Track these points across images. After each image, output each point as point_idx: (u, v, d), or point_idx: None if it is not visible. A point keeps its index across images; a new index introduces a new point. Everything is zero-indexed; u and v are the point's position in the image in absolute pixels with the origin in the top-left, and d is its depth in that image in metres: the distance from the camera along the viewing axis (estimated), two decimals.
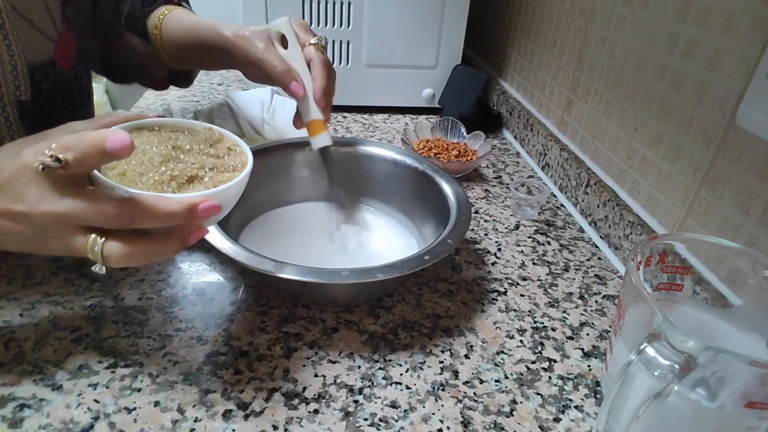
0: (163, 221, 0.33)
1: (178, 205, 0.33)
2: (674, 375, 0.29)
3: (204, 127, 0.42)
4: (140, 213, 0.32)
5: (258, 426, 0.38)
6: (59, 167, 0.32)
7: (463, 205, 0.53)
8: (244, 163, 0.40)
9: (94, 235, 0.33)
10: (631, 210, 0.59)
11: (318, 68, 0.52)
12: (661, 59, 0.55)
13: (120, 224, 0.33)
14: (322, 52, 0.52)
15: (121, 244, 0.33)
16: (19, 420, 0.36)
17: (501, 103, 1.00)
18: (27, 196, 0.33)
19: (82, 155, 0.31)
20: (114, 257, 0.33)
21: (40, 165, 0.32)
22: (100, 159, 0.32)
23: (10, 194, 0.33)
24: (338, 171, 0.59)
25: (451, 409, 0.40)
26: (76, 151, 0.31)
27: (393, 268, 0.43)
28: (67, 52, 0.52)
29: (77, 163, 0.32)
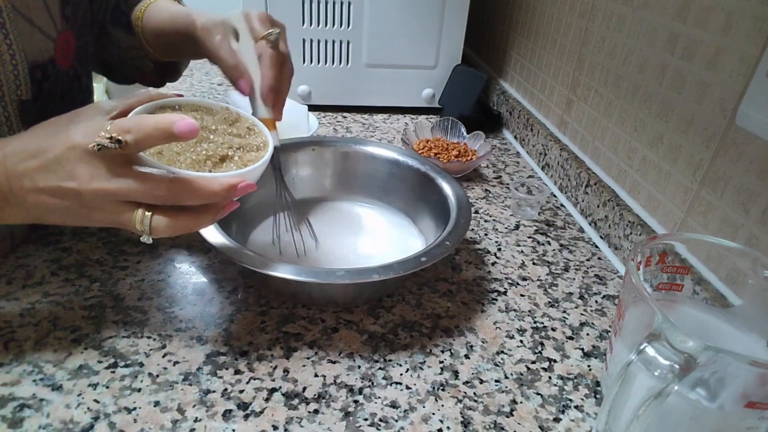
0: (206, 199, 0.37)
1: (220, 186, 0.37)
2: (674, 375, 0.29)
3: (221, 106, 0.44)
4: (188, 193, 0.36)
5: (258, 426, 0.38)
6: (117, 148, 0.34)
7: (464, 205, 0.53)
8: (265, 143, 0.43)
9: (141, 210, 0.36)
10: (631, 210, 0.59)
11: (266, 64, 0.50)
12: (661, 59, 0.55)
13: (168, 202, 0.36)
14: (272, 47, 0.50)
15: (166, 218, 0.37)
16: (19, 420, 0.36)
17: (501, 103, 1.00)
18: (78, 174, 0.35)
19: (144, 137, 0.34)
20: (160, 229, 0.37)
21: (96, 145, 0.34)
22: (162, 141, 0.35)
23: (59, 172, 0.35)
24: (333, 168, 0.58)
25: (451, 409, 0.40)
26: (137, 133, 0.34)
27: (389, 270, 0.43)
28: (67, 50, 0.52)
29: (136, 144, 0.34)
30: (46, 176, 0.36)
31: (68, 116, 0.38)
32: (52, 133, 0.36)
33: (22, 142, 0.37)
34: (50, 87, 0.50)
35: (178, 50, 0.62)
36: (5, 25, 0.44)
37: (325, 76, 0.95)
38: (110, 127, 0.34)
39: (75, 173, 0.35)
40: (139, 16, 0.61)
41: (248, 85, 0.50)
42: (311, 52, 0.93)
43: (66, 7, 0.51)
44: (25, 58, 0.46)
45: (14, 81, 0.46)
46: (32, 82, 0.48)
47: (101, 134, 0.34)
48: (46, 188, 0.36)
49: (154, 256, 0.54)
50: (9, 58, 0.45)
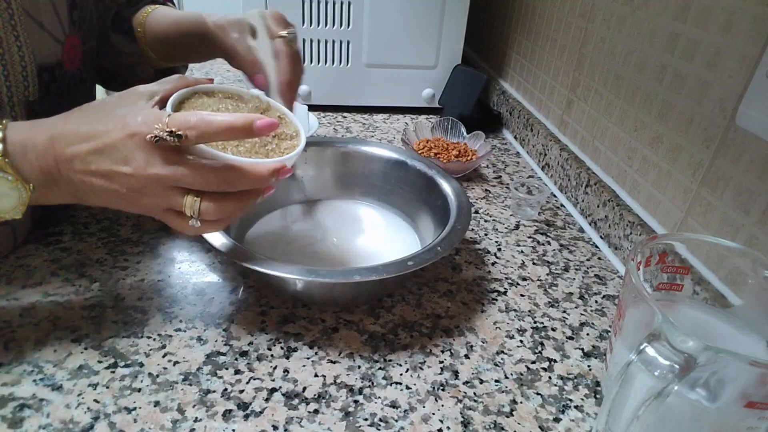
0: (253, 184, 0.39)
1: (266, 170, 0.39)
2: (674, 375, 0.29)
3: (251, 94, 0.45)
4: (238, 178, 0.38)
5: (258, 426, 0.38)
6: (175, 142, 0.35)
7: (463, 207, 0.53)
8: (297, 132, 0.45)
9: (191, 195, 0.38)
10: (631, 210, 0.59)
11: (284, 62, 0.52)
12: (661, 59, 0.55)
13: (220, 188, 0.38)
14: (289, 46, 0.53)
15: (214, 202, 0.38)
16: (19, 420, 0.36)
17: (501, 103, 1.00)
18: (134, 160, 0.36)
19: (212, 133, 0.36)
20: (210, 212, 0.38)
21: (155, 137, 0.35)
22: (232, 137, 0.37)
23: (114, 156, 0.36)
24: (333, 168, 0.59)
25: (451, 409, 0.40)
26: (204, 129, 0.35)
27: (372, 272, 0.43)
28: (74, 54, 0.53)
29: (198, 138, 0.36)
30: (99, 159, 0.37)
31: (113, 101, 0.39)
32: (102, 119, 0.37)
33: (70, 125, 0.38)
34: (57, 89, 0.51)
35: (184, 53, 0.63)
36: (16, 27, 0.45)
37: (325, 76, 0.95)
38: (169, 121, 0.35)
39: (131, 159, 0.36)
40: (141, 22, 0.61)
41: (264, 80, 0.52)
42: (311, 52, 0.93)
43: (74, 11, 0.52)
44: (34, 60, 0.47)
45: (23, 82, 0.46)
46: (39, 84, 0.48)
47: (158, 126, 0.35)
48: (98, 171, 0.37)
49: (154, 256, 0.54)
50: (19, 59, 0.46)
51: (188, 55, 0.64)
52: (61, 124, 0.38)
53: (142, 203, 0.38)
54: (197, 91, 0.43)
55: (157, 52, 0.62)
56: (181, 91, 0.41)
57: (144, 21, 0.61)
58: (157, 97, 0.39)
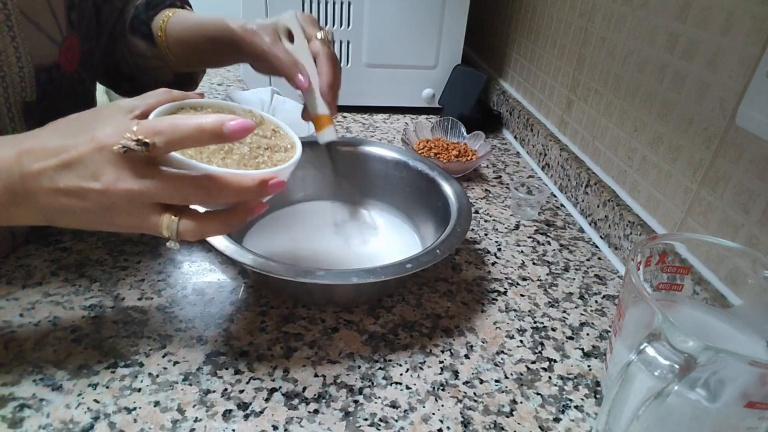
0: (237, 197, 0.35)
1: (252, 181, 0.35)
2: (674, 375, 0.29)
3: (243, 109, 0.43)
4: (218, 190, 0.34)
5: (258, 426, 0.38)
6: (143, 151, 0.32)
7: (464, 210, 0.52)
8: (292, 144, 0.42)
9: (168, 214, 0.35)
10: (631, 210, 0.59)
11: (324, 62, 0.52)
12: (661, 59, 0.55)
13: (198, 201, 0.35)
14: (328, 46, 0.53)
15: (194, 221, 0.35)
16: (19, 420, 0.36)
17: (501, 103, 1.00)
18: (104, 175, 0.33)
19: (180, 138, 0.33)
20: (189, 233, 0.35)
21: (122, 147, 0.32)
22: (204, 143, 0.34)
23: (81, 172, 0.34)
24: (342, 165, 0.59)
25: (451, 409, 0.40)
26: (171, 135, 0.32)
27: (370, 274, 0.43)
28: (72, 55, 0.53)
29: (167, 146, 0.33)
30: (67, 176, 0.34)
31: (88, 115, 0.37)
32: (73, 132, 0.35)
33: (40, 140, 0.35)
34: (54, 90, 0.51)
35: (206, 57, 0.62)
36: (13, 28, 0.45)
37: None
38: (137, 128, 0.33)
39: (99, 174, 0.33)
40: (161, 26, 0.61)
41: (307, 81, 0.51)
42: None
43: (72, 12, 0.52)
44: (30, 61, 0.47)
45: (20, 83, 0.46)
46: (37, 85, 0.48)
47: (127, 135, 0.33)
48: (65, 189, 0.34)
49: (154, 256, 0.54)
50: (15, 60, 0.46)
51: (210, 59, 0.63)
52: (31, 139, 0.35)
53: (117, 223, 0.36)
54: (184, 106, 0.40)
55: (178, 56, 0.62)
56: (166, 106, 0.38)
57: (165, 25, 0.60)
58: (138, 111, 0.36)
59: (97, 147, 0.33)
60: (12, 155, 0.35)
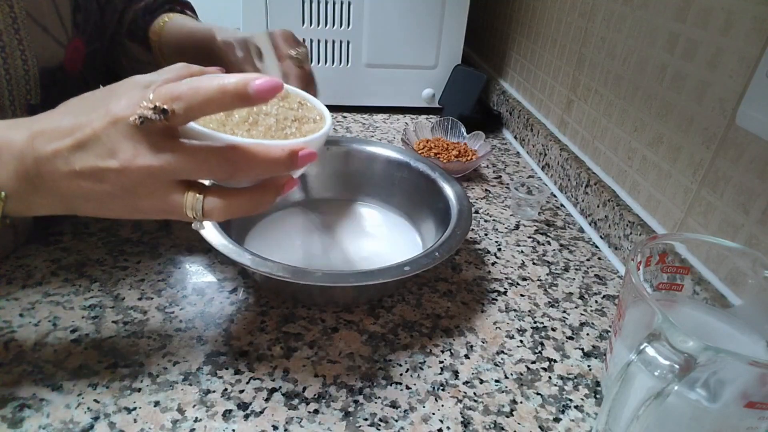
0: (266, 169, 0.33)
1: (282, 152, 0.32)
2: (674, 375, 0.29)
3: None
4: (245, 161, 0.32)
5: (258, 426, 0.38)
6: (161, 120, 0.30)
7: (464, 212, 0.52)
8: (321, 115, 0.39)
9: (192, 192, 0.32)
10: (631, 210, 0.59)
11: (294, 83, 0.50)
12: (661, 59, 0.55)
13: (223, 174, 0.32)
14: (300, 66, 0.51)
15: (221, 198, 0.33)
16: (19, 420, 0.36)
17: (501, 103, 1.00)
18: (121, 152, 0.31)
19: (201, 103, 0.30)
20: (215, 211, 0.33)
21: (138, 118, 0.30)
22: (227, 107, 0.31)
23: (97, 150, 0.31)
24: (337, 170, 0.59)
25: (451, 409, 0.40)
26: (191, 99, 0.30)
27: (368, 276, 0.43)
28: (76, 57, 0.53)
29: (187, 112, 0.30)
30: (82, 156, 0.31)
31: (102, 91, 0.34)
32: (87, 109, 0.32)
33: (52, 120, 0.33)
34: (58, 92, 0.51)
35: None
36: (19, 31, 0.45)
37: (325, 76, 0.95)
38: (153, 95, 0.30)
39: (116, 150, 0.31)
40: (156, 31, 0.60)
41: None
42: (311, 52, 0.93)
43: (77, 14, 0.52)
44: (36, 63, 0.47)
45: (25, 86, 0.46)
46: (41, 87, 0.48)
47: (143, 104, 0.30)
48: (83, 171, 0.32)
49: (154, 256, 0.54)
50: (21, 63, 0.45)
51: None
52: (44, 120, 0.33)
53: (140, 207, 0.33)
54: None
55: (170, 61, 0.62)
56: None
57: (160, 30, 0.60)
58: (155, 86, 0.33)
59: (111, 120, 0.31)
60: (24, 138, 0.32)
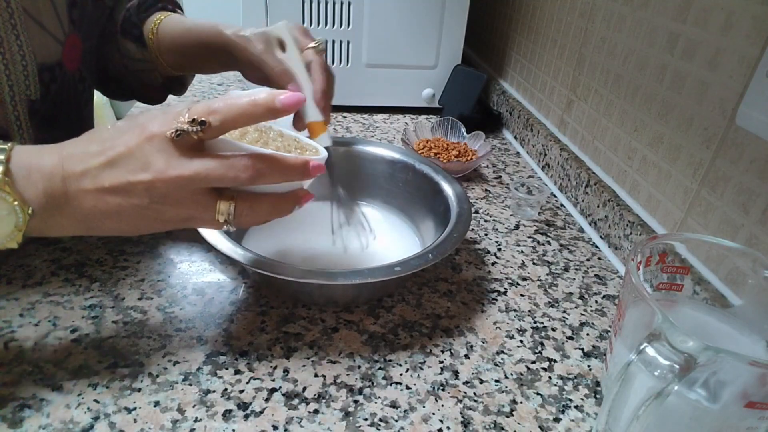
0: (284, 175, 0.37)
1: (296, 160, 0.37)
2: (674, 375, 0.29)
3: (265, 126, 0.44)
4: (268, 167, 0.35)
5: (258, 426, 0.38)
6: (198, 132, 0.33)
7: (463, 215, 0.52)
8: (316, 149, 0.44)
9: (224, 199, 0.36)
10: (631, 210, 0.59)
11: (317, 71, 0.52)
12: (661, 59, 0.55)
13: (249, 178, 0.35)
14: (320, 55, 0.53)
15: (249, 204, 0.37)
16: (19, 420, 0.36)
17: (501, 103, 1.00)
18: (154, 164, 0.34)
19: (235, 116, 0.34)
20: (245, 215, 0.37)
21: (175, 132, 0.33)
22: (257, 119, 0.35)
23: (130, 166, 0.34)
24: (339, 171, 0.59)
25: (451, 409, 0.40)
26: (226, 113, 0.34)
27: (357, 275, 0.43)
28: (74, 54, 0.53)
29: (222, 125, 0.34)
30: (113, 172, 0.34)
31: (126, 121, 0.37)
32: (117, 134, 0.35)
33: (79, 145, 0.35)
34: (57, 88, 0.51)
35: (196, 62, 0.62)
36: (16, 27, 0.45)
37: None
38: (190, 111, 0.34)
39: (149, 164, 0.34)
40: (152, 29, 0.61)
41: (298, 90, 0.51)
42: None
43: (73, 10, 0.52)
44: (34, 60, 0.47)
45: (24, 81, 0.47)
46: (41, 83, 0.48)
47: (180, 119, 0.34)
48: (111, 186, 0.34)
49: (154, 256, 0.54)
50: (20, 58, 0.46)
51: (202, 64, 0.63)
52: (71, 145, 0.36)
53: (166, 217, 0.36)
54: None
55: (169, 59, 0.62)
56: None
57: (156, 29, 0.60)
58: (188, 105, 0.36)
59: (147, 137, 0.34)
60: (55, 161, 0.34)
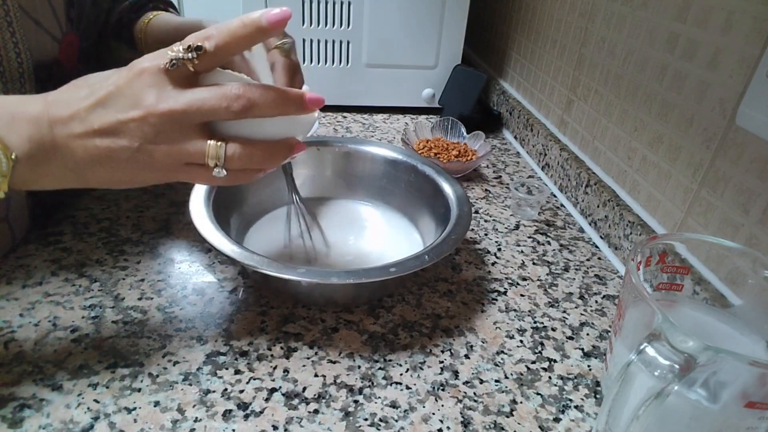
0: (279, 104, 0.35)
1: (292, 91, 0.35)
2: (674, 375, 0.29)
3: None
4: (261, 95, 0.34)
5: (258, 426, 0.38)
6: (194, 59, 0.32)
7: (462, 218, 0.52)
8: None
9: (213, 140, 0.34)
10: (631, 210, 0.59)
11: (279, 72, 0.50)
12: (661, 59, 0.55)
13: (243, 108, 0.33)
14: (286, 56, 0.51)
15: (241, 145, 0.35)
16: (19, 420, 0.36)
17: (501, 103, 1.00)
18: (145, 99, 0.33)
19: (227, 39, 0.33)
20: (236, 157, 0.35)
21: (170, 61, 0.32)
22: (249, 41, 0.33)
23: (119, 105, 0.33)
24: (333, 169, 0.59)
25: (451, 409, 0.40)
26: (218, 38, 0.33)
27: (352, 275, 0.43)
28: (71, 53, 0.53)
29: (217, 50, 0.33)
30: (101, 113, 0.33)
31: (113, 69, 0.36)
32: (104, 76, 0.34)
33: (67, 91, 0.34)
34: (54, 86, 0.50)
35: None
36: (12, 24, 0.45)
37: (325, 76, 0.95)
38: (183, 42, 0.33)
39: (139, 100, 0.33)
40: (142, 29, 0.61)
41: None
42: (311, 52, 0.93)
43: (71, 10, 0.52)
44: (30, 57, 0.47)
45: (19, 78, 0.47)
46: (36, 81, 0.48)
47: (174, 49, 0.33)
48: (101, 128, 0.33)
49: (154, 256, 0.54)
50: (15, 56, 0.46)
51: None
52: (57, 92, 0.35)
53: (157, 160, 0.34)
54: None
55: None
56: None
57: (145, 28, 0.61)
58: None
59: (136, 72, 0.33)
60: (40, 106, 0.33)
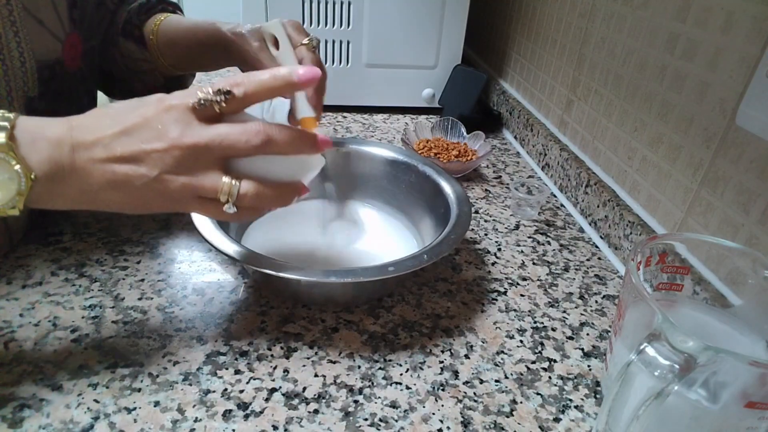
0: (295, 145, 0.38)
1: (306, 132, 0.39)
2: (674, 375, 0.29)
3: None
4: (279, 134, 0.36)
5: (258, 426, 0.38)
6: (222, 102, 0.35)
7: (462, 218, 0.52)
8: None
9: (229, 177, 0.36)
10: (631, 210, 0.59)
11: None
12: (661, 59, 0.55)
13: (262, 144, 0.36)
14: (313, 52, 0.53)
15: (254, 184, 0.37)
16: (19, 420, 0.36)
17: (501, 103, 1.00)
18: (171, 132, 0.34)
19: (256, 88, 0.36)
20: (249, 196, 0.37)
21: (199, 101, 0.35)
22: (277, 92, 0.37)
23: (145, 135, 0.34)
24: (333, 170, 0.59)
25: (451, 409, 0.40)
26: (248, 85, 0.35)
27: (350, 274, 0.43)
28: (74, 53, 0.53)
29: (245, 97, 0.35)
30: (126, 141, 0.34)
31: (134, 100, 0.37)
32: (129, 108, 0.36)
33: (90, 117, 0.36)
34: (57, 86, 0.51)
35: (197, 61, 0.63)
36: (15, 23, 0.45)
37: None
38: (212, 85, 0.35)
39: (166, 132, 0.34)
40: (153, 30, 0.61)
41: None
42: None
43: (74, 10, 0.52)
44: (33, 56, 0.47)
45: (22, 77, 0.47)
46: (39, 81, 0.49)
47: (204, 90, 0.35)
48: (123, 155, 0.34)
49: (154, 256, 0.54)
50: (18, 54, 0.46)
51: (202, 63, 0.64)
52: (82, 117, 0.36)
53: (171, 188, 0.35)
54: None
55: (169, 59, 0.62)
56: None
57: (157, 29, 0.61)
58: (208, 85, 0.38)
59: (165, 108, 0.35)
60: (63, 129, 0.34)
